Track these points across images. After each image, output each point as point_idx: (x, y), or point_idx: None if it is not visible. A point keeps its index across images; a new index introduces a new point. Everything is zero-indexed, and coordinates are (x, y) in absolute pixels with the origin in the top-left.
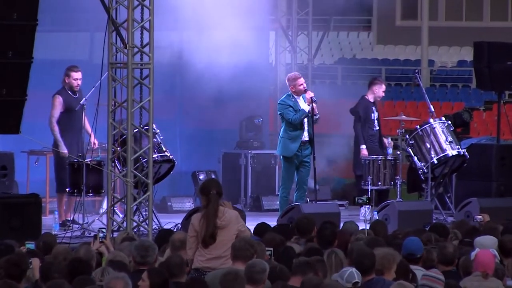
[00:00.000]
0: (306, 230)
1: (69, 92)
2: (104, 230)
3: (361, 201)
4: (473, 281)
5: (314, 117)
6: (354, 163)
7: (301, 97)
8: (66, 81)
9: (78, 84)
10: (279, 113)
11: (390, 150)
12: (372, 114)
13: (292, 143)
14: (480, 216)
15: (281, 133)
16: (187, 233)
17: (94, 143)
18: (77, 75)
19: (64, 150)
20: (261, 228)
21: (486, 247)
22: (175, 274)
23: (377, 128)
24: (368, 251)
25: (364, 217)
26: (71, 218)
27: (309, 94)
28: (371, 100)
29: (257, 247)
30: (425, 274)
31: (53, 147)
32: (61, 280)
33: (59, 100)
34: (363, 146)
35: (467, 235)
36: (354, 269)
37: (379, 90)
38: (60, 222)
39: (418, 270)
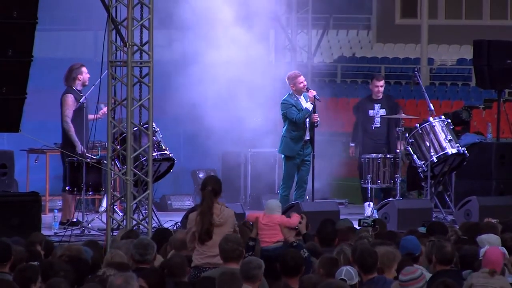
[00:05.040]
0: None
1: (77, 90)
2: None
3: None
4: (479, 278)
5: (314, 124)
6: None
7: (302, 96)
8: (79, 78)
9: (88, 78)
10: (281, 112)
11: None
12: (371, 111)
13: (294, 143)
14: None
15: (283, 133)
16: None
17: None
18: (86, 69)
19: (81, 149)
20: None
21: (491, 244)
22: (177, 274)
23: (378, 125)
24: (370, 249)
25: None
26: (76, 219)
27: (312, 93)
28: (373, 97)
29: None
30: (402, 280)
31: (62, 147)
32: (59, 278)
33: (72, 99)
34: (351, 144)
35: (467, 233)
36: (346, 268)
37: (372, 86)
38: (65, 221)
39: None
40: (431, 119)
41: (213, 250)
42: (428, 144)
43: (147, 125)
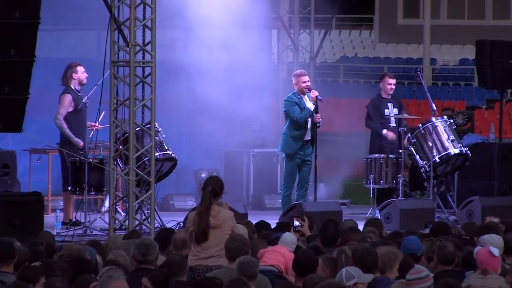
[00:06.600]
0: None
1: (75, 90)
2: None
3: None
4: (476, 278)
5: (316, 124)
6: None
7: (306, 95)
8: (74, 77)
9: (86, 77)
10: (284, 110)
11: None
12: (386, 110)
13: (295, 141)
14: None
15: (284, 130)
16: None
17: (97, 126)
18: (83, 69)
19: (80, 142)
20: (260, 226)
21: (493, 245)
22: (176, 273)
23: (394, 125)
24: (371, 250)
25: (367, 216)
26: (76, 219)
27: (314, 93)
28: (384, 96)
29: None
30: (408, 279)
31: (61, 146)
32: (56, 278)
33: (69, 99)
34: (384, 131)
35: (471, 234)
36: (345, 269)
37: (384, 84)
38: (68, 221)
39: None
40: (433, 119)
41: (207, 251)
42: (431, 144)
43: (149, 125)
